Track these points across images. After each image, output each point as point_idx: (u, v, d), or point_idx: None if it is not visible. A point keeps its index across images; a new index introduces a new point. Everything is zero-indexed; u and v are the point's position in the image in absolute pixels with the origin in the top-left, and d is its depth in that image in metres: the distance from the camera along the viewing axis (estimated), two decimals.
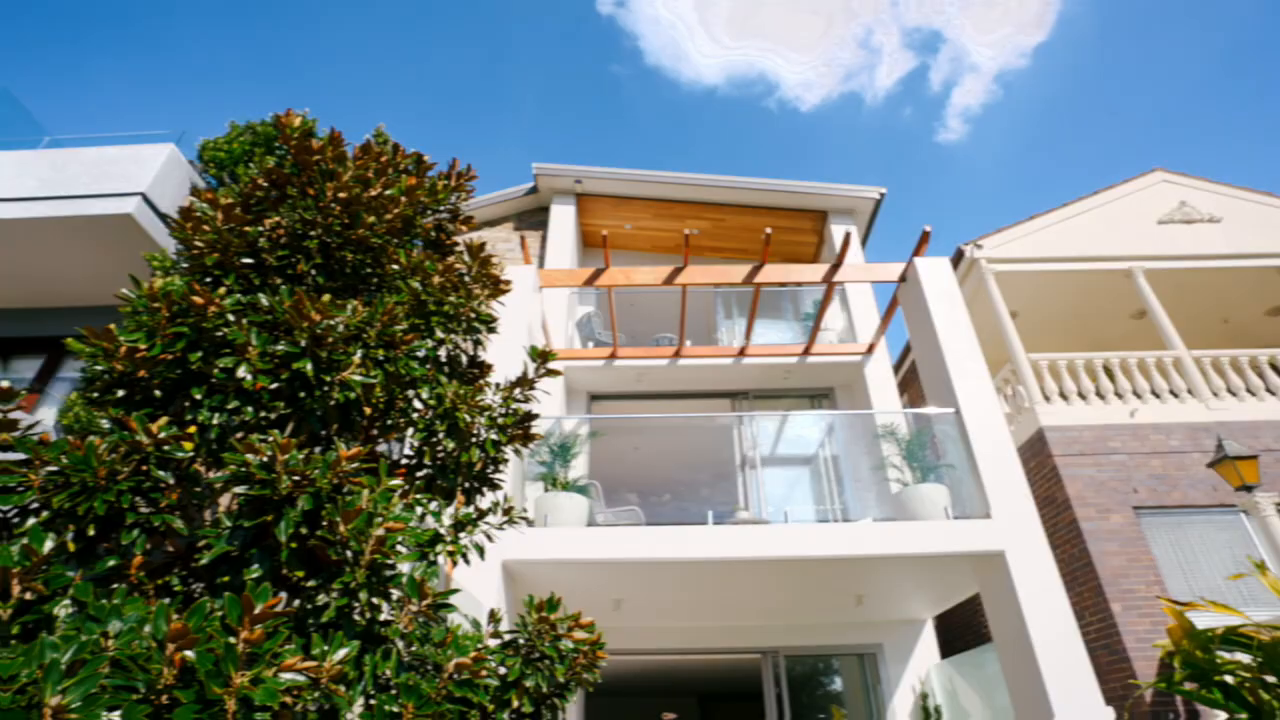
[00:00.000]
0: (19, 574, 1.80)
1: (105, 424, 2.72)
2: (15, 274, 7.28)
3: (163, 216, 6.86)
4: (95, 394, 2.64)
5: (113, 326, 2.61)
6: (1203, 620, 4.10)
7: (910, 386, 11.89)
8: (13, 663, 1.46)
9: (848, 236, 6.80)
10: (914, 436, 6.30)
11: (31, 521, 2.08)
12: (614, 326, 8.36)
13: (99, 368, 2.65)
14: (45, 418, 7.46)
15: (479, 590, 5.03)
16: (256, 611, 1.62)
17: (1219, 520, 7.57)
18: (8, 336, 7.54)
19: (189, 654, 1.59)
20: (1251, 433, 7.99)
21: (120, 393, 2.64)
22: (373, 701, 2.12)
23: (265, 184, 2.86)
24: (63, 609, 1.87)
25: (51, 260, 7.11)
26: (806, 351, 8.53)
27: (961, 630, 9.38)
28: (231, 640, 1.60)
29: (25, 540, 1.87)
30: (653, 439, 9.22)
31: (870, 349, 8.63)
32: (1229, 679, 3.50)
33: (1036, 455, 8.24)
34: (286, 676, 1.64)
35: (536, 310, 7.06)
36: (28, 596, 1.84)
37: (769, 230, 6.70)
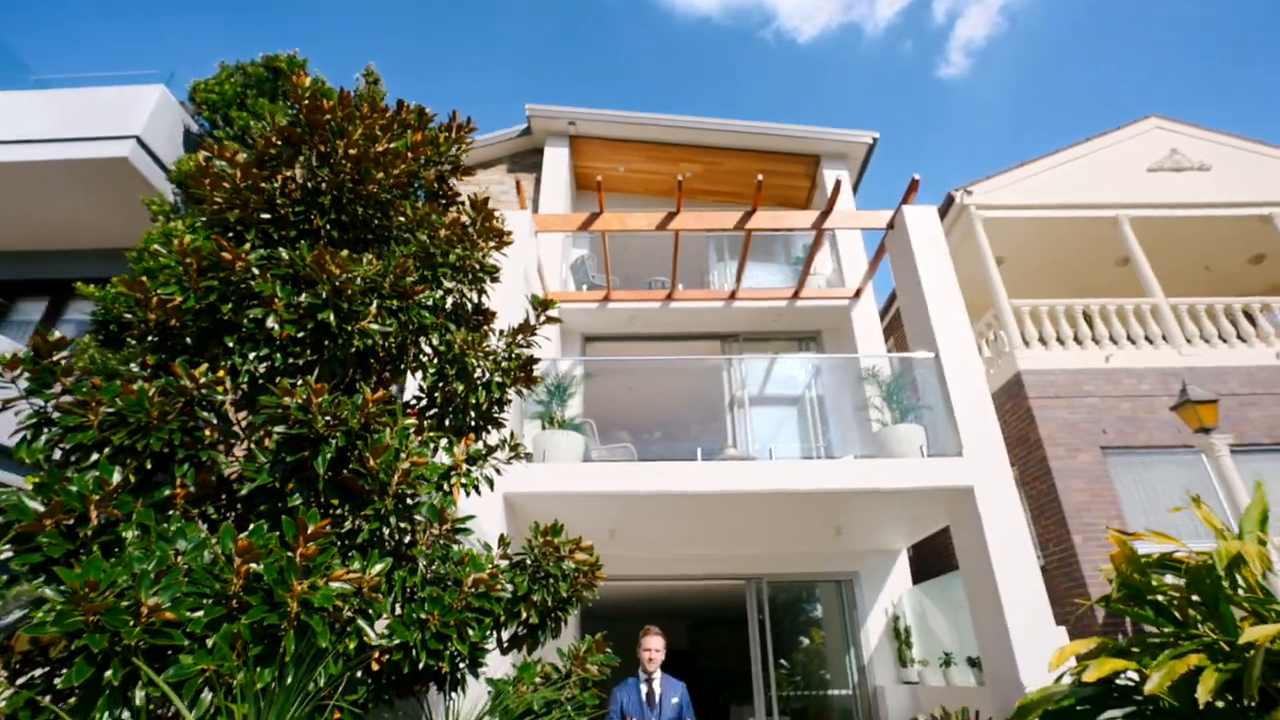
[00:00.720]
0: (95, 501, 2.07)
1: (134, 367, 2.94)
2: (14, 217, 7.32)
3: (157, 160, 6.88)
4: (130, 340, 2.84)
5: (145, 279, 2.80)
6: (1147, 549, 4.49)
7: (895, 330, 12.15)
8: (112, 572, 1.74)
9: (837, 184, 6.91)
10: (895, 379, 6.60)
11: (95, 457, 2.33)
12: (608, 270, 8.52)
13: (130, 316, 2.85)
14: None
15: (483, 519, 5.40)
16: (309, 531, 1.90)
17: (1180, 460, 8.01)
18: (12, 279, 7.63)
19: (255, 566, 1.87)
20: (1219, 378, 8.35)
21: (153, 339, 2.85)
22: (400, 610, 2.44)
23: (279, 142, 3.00)
24: (130, 532, 2.15)
25: (49, 203, 7.14)
26: (795, 296, 8.75)
27: (933, 559, 9.97)
28: (290, 555, 1.88)
29: (96, 472, 2.14)
30: (645, 380, 9.52)
31: (858, 293, 8.85)
32: (1160, 598, 3.90)
33: (1013, 397, 8.60)
34: (335, 585, 1.94)
35: (532, 255, 7.21)
36: (101, 521, 2.12)
37: (760, 177, 6.80)
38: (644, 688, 3.86)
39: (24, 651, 2.28)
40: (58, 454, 2.45)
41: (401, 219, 3.38)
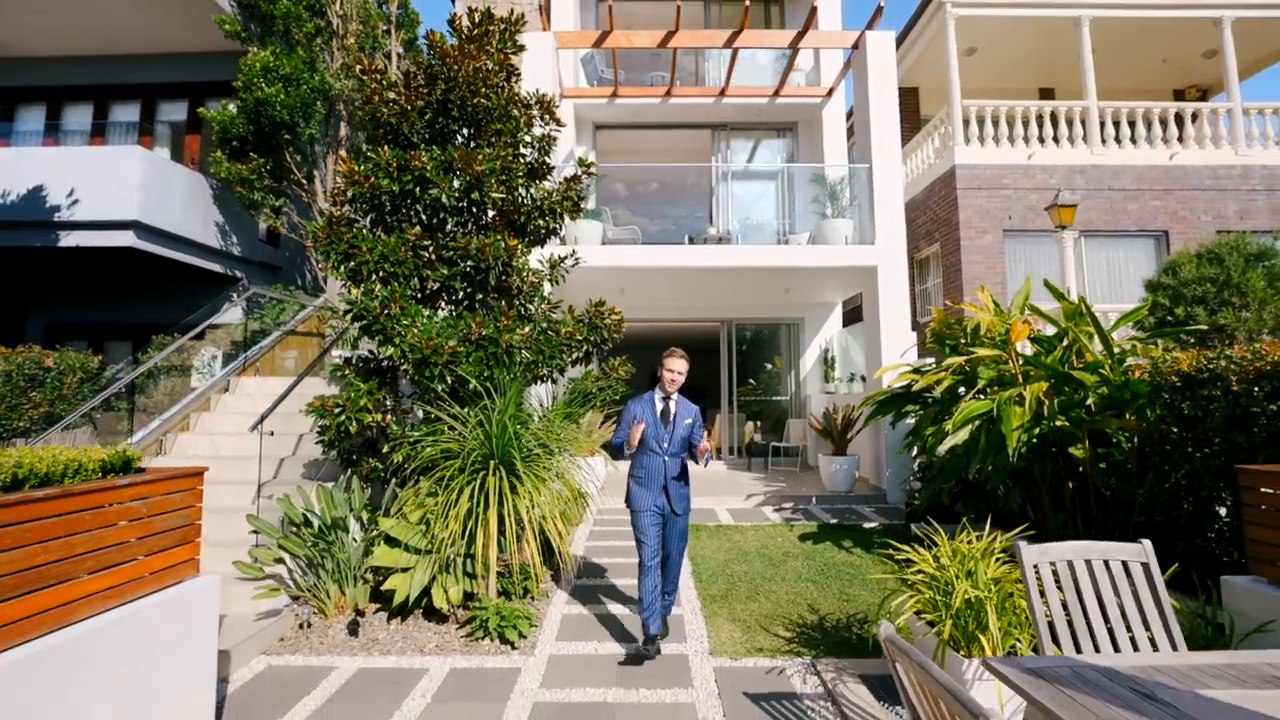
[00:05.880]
0: (393, 300, 4.45)
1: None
2: (102, 28, 8.48)
3: None
4: (348, 202, 4.94)
5: (356, 165, 4.82)
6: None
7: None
8: (424, 329, 4.21)
9: (814, 9, 8.03)
10: (836, 183, 8.56)
11: (374, 277, 4.63)
12: (616, 68, 9.79)
13: (350, 184, 4.92)
14: (162, 153, 9.37)
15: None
16: (507, 313, 4.33)
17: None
18: (109, 84, 8.97)
19: (481, 329, 4.34)
20: (1115, 175, 10.22)
21: (366, 205, 4.96)
22: (530, 348, 4.99)
23: (420, 75, 4.77)
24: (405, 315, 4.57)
25: (127, 15, 8.29)
26: (776, 94, 10.12)
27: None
28: (498, 323, 4.34)
29: (386, 287, 4.48)
30: (648, 159, 11.35)
31: (830, 93, 10.22)
32: (952, 342, 6.53)
33: (946, 186, 10.54)
34: (517, 337, 4.42)
35: (554, 70, 8.57)
36: (395, 311, 4.51)
37: (747, 2, 7.93)
38: (660, 405, 3.82)
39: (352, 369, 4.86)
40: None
41: (486, 103, 5.22)
